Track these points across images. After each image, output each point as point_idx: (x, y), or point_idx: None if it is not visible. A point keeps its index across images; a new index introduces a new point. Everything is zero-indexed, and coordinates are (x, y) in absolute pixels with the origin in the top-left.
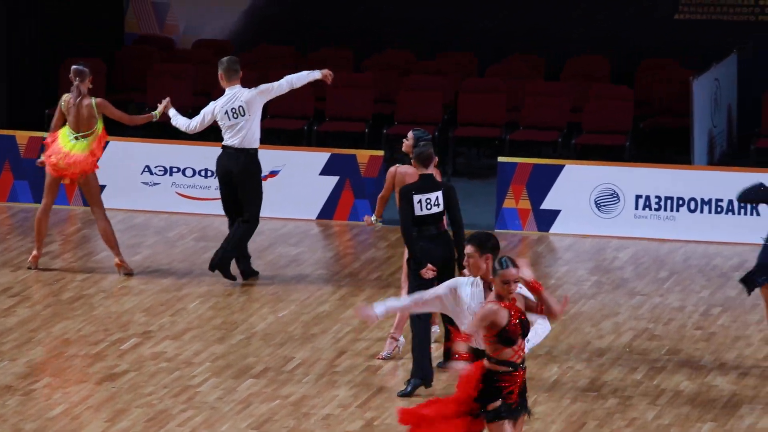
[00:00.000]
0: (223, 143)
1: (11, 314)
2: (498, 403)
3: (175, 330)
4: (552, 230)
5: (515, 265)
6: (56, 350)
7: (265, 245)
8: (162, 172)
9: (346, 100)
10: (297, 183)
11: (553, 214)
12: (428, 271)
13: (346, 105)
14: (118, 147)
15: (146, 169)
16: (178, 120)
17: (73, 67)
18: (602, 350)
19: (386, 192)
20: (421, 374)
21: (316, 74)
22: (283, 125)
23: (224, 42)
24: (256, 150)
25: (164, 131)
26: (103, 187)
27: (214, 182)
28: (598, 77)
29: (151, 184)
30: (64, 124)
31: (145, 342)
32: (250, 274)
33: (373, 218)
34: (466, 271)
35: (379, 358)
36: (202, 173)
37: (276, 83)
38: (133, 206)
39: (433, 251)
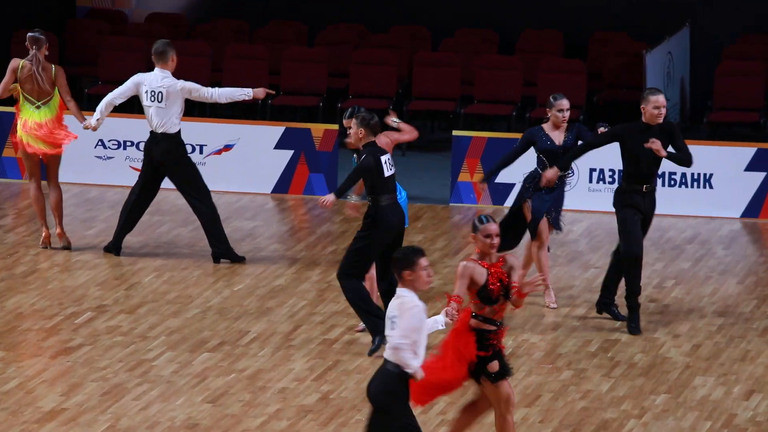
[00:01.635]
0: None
1: None
2: (497, 365)
3: (130, 304)
4: (507, 203)
5: (495, 221)
6: (10, 324)
7: (221, 219)
8: (116, 146)
9: (301, 74)
10: (252, 157)
11: (508, 188)
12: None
13: (301, 79)
14: (72, 120)
15: (100, 143)
16: (98, 113)
17: (29, 34)
18: (557, 323)
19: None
20: (381, 328)
21: (248, 92)
22: None
23: (177, 16)
24: (177, 133)
25: (119, 106)
26: None
27: None
28: (551, 51)
29: (105, 158)
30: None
31: (99, 316)
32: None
33: (353, 197)
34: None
35: (357, 331)
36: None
37: (204, 90)
38: (87, 180)
39: (393, 219)
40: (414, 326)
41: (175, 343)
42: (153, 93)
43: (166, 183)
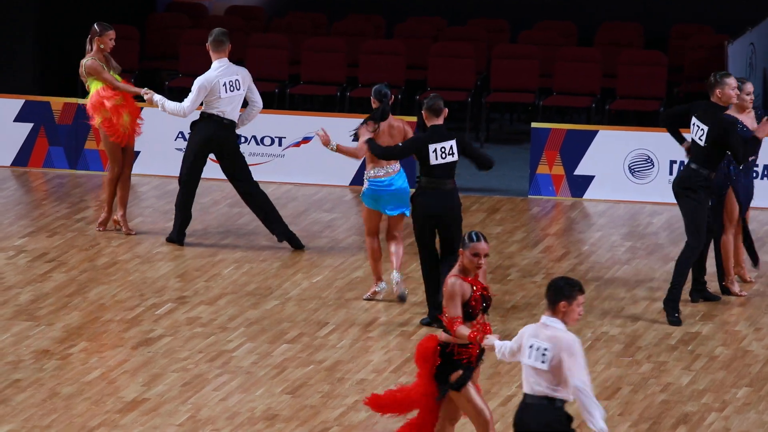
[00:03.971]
0: (210, 111)
1: (47, 279)
2: (460, 372)
3: (210, 295)
4: (586, 196)
5: (486, 240)
6: (92, 315)
7: (300, 211)
8: None
9: (379, 67)
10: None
11: (587, 180)
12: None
13: (379, 71)
14: (153, 113)
15: (180, 135)
16: (166, 105)
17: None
18: (636, 316)
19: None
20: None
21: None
22: (316, 91)
23: (256, 9)
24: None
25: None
26: (137, 153)
27: (249, 148)
28: (630, 43)
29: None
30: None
31: (180, 307)
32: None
33: (333, 144)
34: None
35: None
36: (238, 140)
37: (256, 96)
38: (168, 172)
39: (427, 203)
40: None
41: (255, 334)
42: (230, 83)
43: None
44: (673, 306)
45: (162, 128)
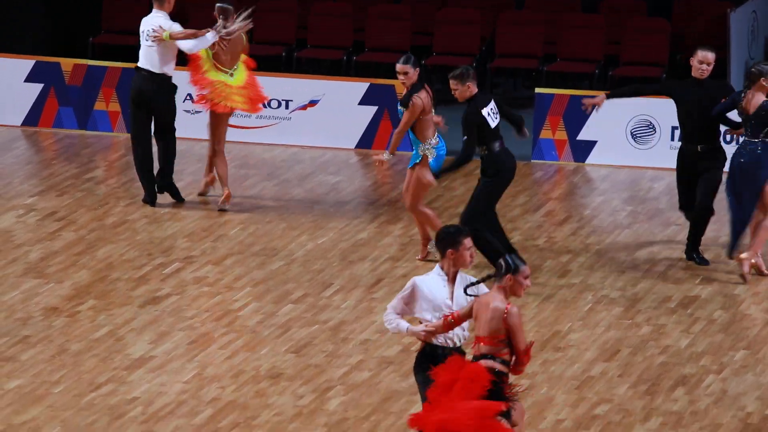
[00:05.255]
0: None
1: (57, 238)
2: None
3: (217, 255)
4: (588, 161)
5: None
6: (100, 273)
7: (306, 173)
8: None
9: (385, 31)
10: (336, 112)
11: (590, 145)
12: None
13: (385, 36)
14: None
15: (188, 97)
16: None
17: (218, 5)
18: (637, 279)
19: (407, 126)
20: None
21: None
22: (323, 55)
23: None
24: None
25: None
26: None
27: None
28: (635, 10)
29: (193, 112)
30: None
31: (187, 267)
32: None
33: (386, 155)
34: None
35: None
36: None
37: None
38: (177, 134)
39: (510, 163)
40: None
41: (260, 294)
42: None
43: (256, 137)
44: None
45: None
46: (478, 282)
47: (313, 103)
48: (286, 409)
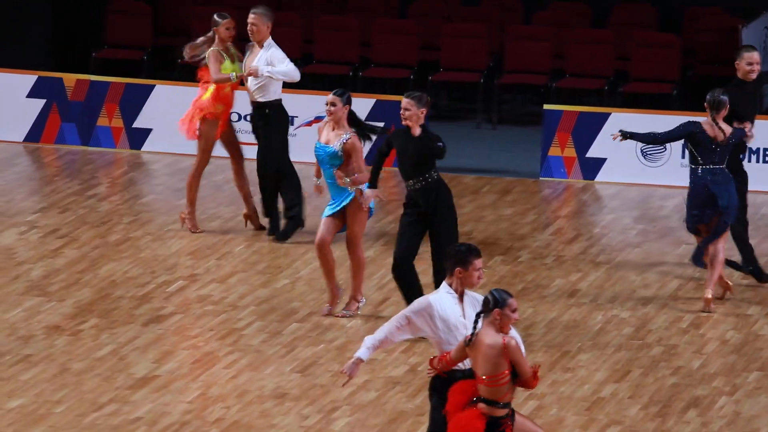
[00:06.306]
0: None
1: (59, 255)
2: None
3: (221, 273)
4: (597, 178)
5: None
6: (103, 292)
7: (311, 190)
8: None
9: (391, 46)
10: None
11: (599, 163)
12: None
13: (391, 51)
14: (165, 90)
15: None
16: (276, 71)
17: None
18: (647, 299)
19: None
20: None
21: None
22: (328, 71)
23: None
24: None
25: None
26: (149, 130)
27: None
28: (644, 25)
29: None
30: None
31: (191, 285)
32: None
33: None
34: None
35: (337, 316)
36: (248, 118)
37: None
38: (181, 150)
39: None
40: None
41: (265, 313)
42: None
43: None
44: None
45: (173, 106)
46: (476, 319)
47: (318, 119)
48: (291, 429)
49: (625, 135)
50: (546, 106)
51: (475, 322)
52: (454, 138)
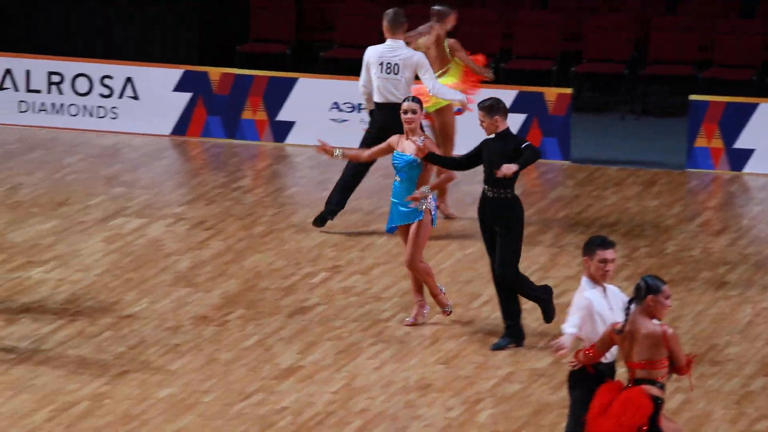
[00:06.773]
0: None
1: (206, 247)
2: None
3: (364, 265)
4: (745, 170)
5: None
6: (249, 283)
7: (453, 183)
8: (350, 109)
9: (534, 38)
10: None
11: (747, 154)
12: None
13: (534, 42)
14: (308, 83)
15: (335, 106)
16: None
17: (433, 7)
18: None
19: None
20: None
21: (460, 97)
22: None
23: None
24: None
25: (351, 69)
26: (293, 123)
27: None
28: None
29: (340, 121)
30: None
31: (334, 276)
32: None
33: (338, 152)
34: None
35: (405, 324)
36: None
37: (429, 76)
38: None
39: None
40: None
41: (408, 305)
42: (388, 65)
43: None
44: None
45: (316, 99)
46: (628, 306)
47: (458, 111)
48: (435, 420)
49: None
50: (692, 97)
51: (627, 309)
52: (598, 130)
